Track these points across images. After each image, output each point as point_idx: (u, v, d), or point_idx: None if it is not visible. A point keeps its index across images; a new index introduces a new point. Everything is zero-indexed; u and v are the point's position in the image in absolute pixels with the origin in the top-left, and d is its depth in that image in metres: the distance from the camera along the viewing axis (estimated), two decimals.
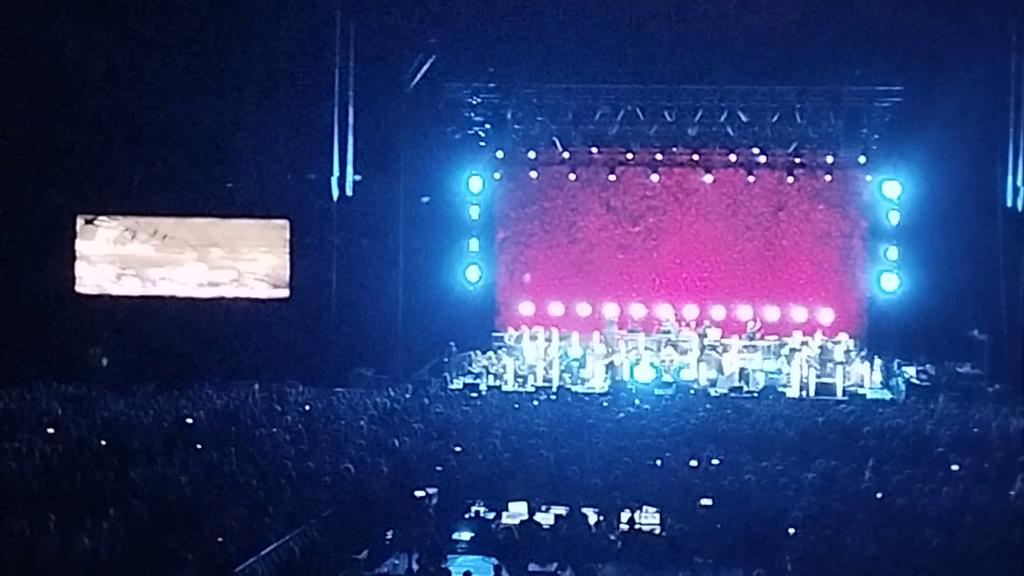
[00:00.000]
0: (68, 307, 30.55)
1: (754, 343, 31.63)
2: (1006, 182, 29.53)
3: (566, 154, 33.79)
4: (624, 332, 32.10)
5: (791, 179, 33.40)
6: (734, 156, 33.21)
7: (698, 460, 18.13)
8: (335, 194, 29.99)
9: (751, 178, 33.40)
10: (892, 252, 32.65)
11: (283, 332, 29.92)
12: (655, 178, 33.74)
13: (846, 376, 30.08)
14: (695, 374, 30.23)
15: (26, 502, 14.49)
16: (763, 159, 33.20)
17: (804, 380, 29.80)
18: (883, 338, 32.08)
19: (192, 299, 31.00)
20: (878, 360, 30.75)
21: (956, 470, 17.46)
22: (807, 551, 13.89)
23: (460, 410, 23.59)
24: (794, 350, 30.75)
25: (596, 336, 31.81)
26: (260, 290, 31.15)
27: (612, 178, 33.85)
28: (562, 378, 30.48)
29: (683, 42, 29.76)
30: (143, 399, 23.82)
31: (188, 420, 21.13)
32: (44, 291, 30.12)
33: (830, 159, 33.16)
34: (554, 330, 32.25)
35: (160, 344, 29.14)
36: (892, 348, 31.24)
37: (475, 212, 34.21)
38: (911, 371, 29.76)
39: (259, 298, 31.12)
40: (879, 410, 24.85)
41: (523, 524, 15.42)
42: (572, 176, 34.12)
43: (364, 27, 29.53)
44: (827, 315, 33.20)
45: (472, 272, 34.11)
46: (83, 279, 31.14)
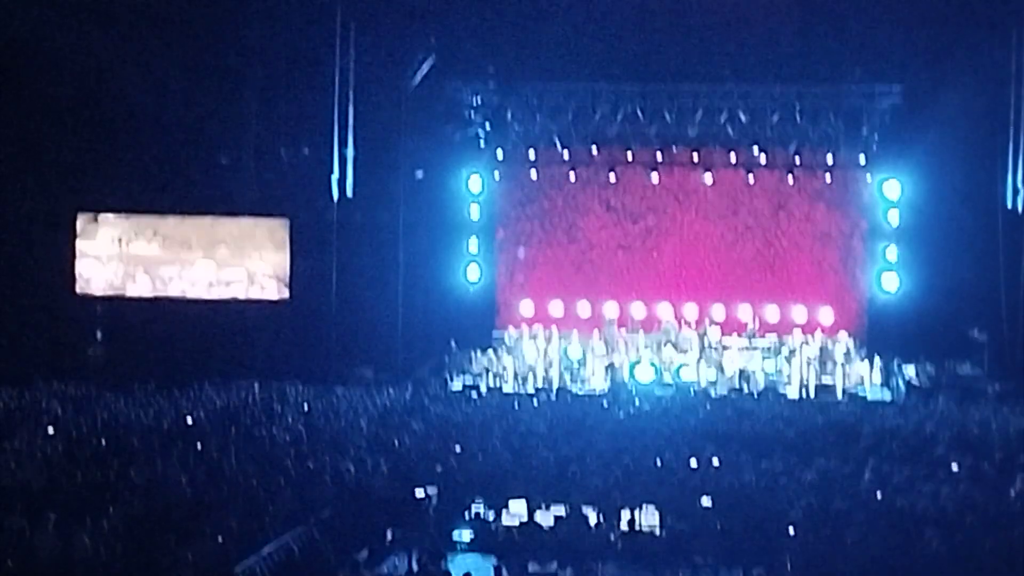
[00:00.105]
0: (68, 306, 30.55)
1: (754, 343, 31.63)
2: (1006, 182, 29.57)
3: (566, 154, 33.77)
4: (624, 332, 32.09)
5: (791, 179, 33.38)
6: (734, 156, 33.20)
7: (698, 460, 18.13)
8: (335, 194, 30.00)
9: (751, 178, 33.38)
10: (892, 252, 32.65)
11: (283, 332, 29.94)
12: (655, 178, 33.73)
13: (846, 376, 30.08)
14: (695, 374, 30.22)
15: (26, 501, 14.48)
16: (763, 159, 33.19)
17: (804, 380, 29.82)
18: (883, 338, 32.06)
19: (192, 299, 30.99)
20: (878, 360, 30.71)
21: (956, 470, 17.46)
22: (807, 551, 13.90)
23: (460, 410, 23.60)
24: (794, 350, 30.76)
25: (596, 336, 31.80)
26: (272, 289, 31.17)
27: (612, 178, 33.83)
28: (562, 378, 30.47)
29: (683, 42, 29.81)
30: (143, 398, 23.81)
31: (188, 420, 21.13)
32: (44, 290, 30.12)
33: (830, 159, 33.14)
34: (554, 330, 32.24)
35: (160, 344, 29.16)
36: (892, 348, 31.22)
37: (475, 211, 34.21)
38: (911, 371, 29.80)
39: (259, 298, 31.12)
40: (879, 410, 24.87)
41: (523, 524, 15.43)
42: (572, 176, 34.10)
43: (364, 27, 29.55)
44: (827, 315, 33.18)
45: (472, 272, 34.11)
46: (94, 278, 31.12)
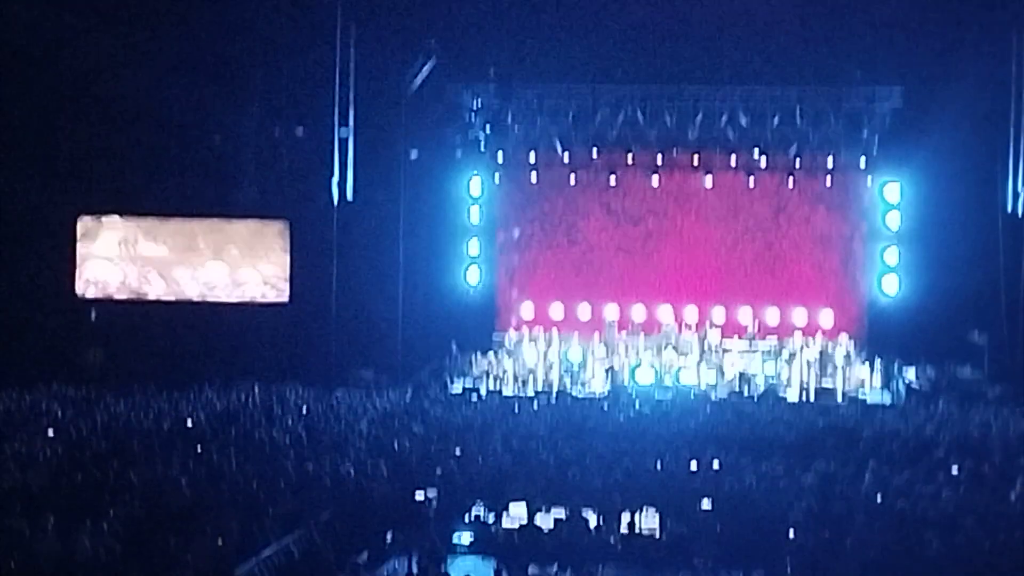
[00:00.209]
0: (68, 308, 30.55)
1: (754, 346, 31.62)
2: (1006, 185, 29.56)
3: (566, 156, 33.75)
4: (624, 335, 32.08)
5: (791, 182, 33.38)
6: (734, 159, 33.19)
7: (698, 463, 18.13)
8: (335, 196, 30.00)
9: (751, 181, 33.38)
10: (892, 255, 32.65)
11: (283, 334, 29.94)
12: (655, 181, 33.74)
13: (846, 379, 30.06)
14: (695, 377, 30.20)
15: (26, 503, 14.49)
16: (763, 162, 33.16)
17: (804, 383, 29.80)
18: (883, 341, 32.04)
19: (192, 302, 31.00)
20: (878, 363, 30.71)
21: (956, 473, 17.46)
22: (807, 554, 13.90)
23: (460, 413, 23.59)
24: (794, 353, 30.74)
25: (596, 339, 31.79)
26: (272, 291, 31.19)
27: (612, 181, 33.83)
28: (562, 381, 30.45)
29: (683, 45, 29.81)
30: (143, 401, 23.81)
31: (188, 422, 21.13)
32: (44, 292, 30.12)
33: (830, 162, 33.13)
34: (554, 332, 32.24)
35: (160, 346, 29.16)
36: (892, 351, 31.20)
37: (475, 214, 34.21)
38: (911, 374, 29.78)
39: (259, 301, 31.13)
40: (879, 413, 24.86)
41: (523, 527, 15.42)
42: (572, 178, 34.10)
43: (365, 29, 29.54)
44: (827, 318, 33.17)
45: (472, 274, 34.11)
46: (96, 281, 31.11)
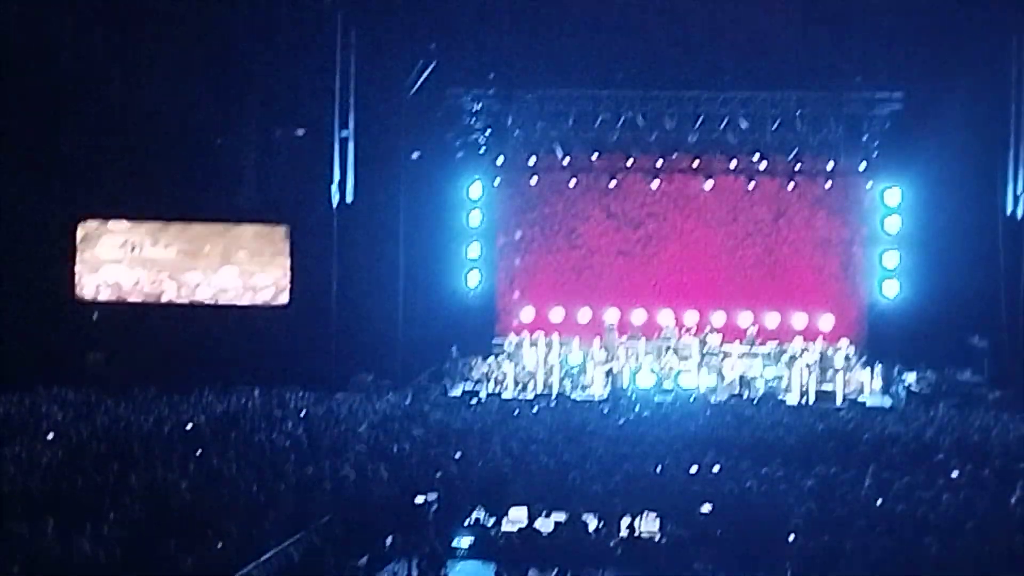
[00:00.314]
0: (67, 312, 30.53)
1: (754, 350, 31.61)
2: (1006, 189, 29.56)
3: (566, 160, 33.76)
4: (624, 338, 32.07)
5: (791, 186, 33.39)
6: (734, 163, 33.21)
7: (698, 467, 18.11)
8: (335, 200, 29.99)
9: (751, 185, 33.39)
10: (892, 259, 32.65)
11: (283, 338, 29.92)
12: (655, 184, 33.74)
13: (846, 383, 30.06)
14: (695, 381, 30.21)
15: (26, 507, 14.48)
16: (763, 166, 33.18)
17: (804, 387, 29.80)
18: (883, 345, 32.05)
19: (192, 304, 30.99)
20: (878, 367, 30.70)
21: (956, 477, 17.44)
22: (807, 558, 13.88)
23: (460, 416, 23.58)
24: (794, 357, 30.73)
25: (596, 342, 31.78)
26: (272, 295, 31.18)
27: (612, 184, 33.84)
28: (562, 384, 30.46)
29: (683, 49, 29.83)
30: (143, 404, 23.79)
31: (188, 425, 21.10)
32: (44, 296, 30.10)
33: (830, 166, 33.14)
34: (554, 336, 32.22)
35: (160, 349, 29.14)
36: (892, 355, 31.20)
37: (475, 218, 34.21)
38: (911, 378, 29.77)
39: (259, 304, 31.12)
40: (879, 417, 24.83)
41: (523, 530, 15.41)
42: (572, 182, 34.09)
43: (365, 33, 29.57)
44: (827, 322, 33.16)
45: (472, 278, 34.11)
46: (97, 284, 31.09)
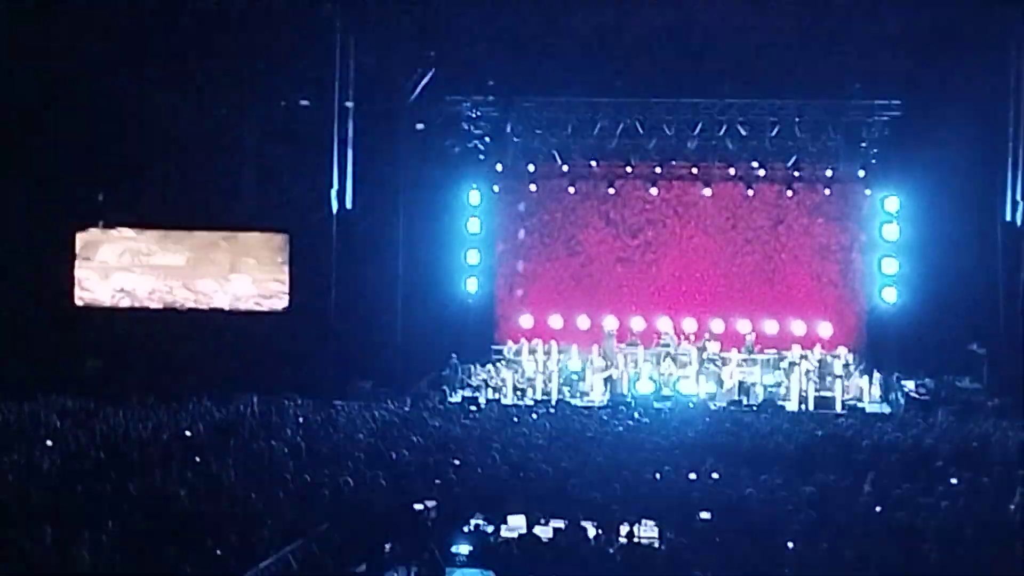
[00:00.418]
0: (66, 319, 30.51)
1: (753, 356, 31.61)
2: (1004, 195, 29.55)
3: (565, 167, 33.84)
4: (623, 345, 32.08)
5: (790, 193, 33.46)
6: (733, 170, 33.27)
7: (697, 473, 18.09)
8: (334, 207, 29.99)
9: (750, 192, 33.45)
10: (891, 266, 32.68)
11: (282, 344, 29.90)
12: (654, 191, 33.81)
13: (845, 390, 30.06)
14: (694, 387, 30.21)
15: (24, 515, 14.46)
16: (762, 173, 33.25)
17: (803, 394, 29.81)
18: (882, 352, 32.09)
19: (191, 311, 30.99)
20: (877, 374, 30.73)
21: (955, 484, 17.41)
22: (806, 565, 13.86)
23: (459, 423, 23.54)
24: (793, 363, 30.73)
25: (595, 349, 31.78)
26: (271, 302, 31.17)
27: (611, 191, 33.91)
28: (561, 391, 30.47)
29: (683, 56, 29.80)
30: (142, 411, 23.75)
31: (187, 433, 21.07)
32: (43, 302, 30.08)
33: (829, 173, 33.22)
34: (553, 343, 32.23)
35: (159, 356, 29.11)
36: (891, 362, 31.24)
37: (475, 225, 34.23)
38: (910, 385, 29.77)
39: (258, 311, 31.11)
40: (878, 424, 24.78)
41: (522, 537, 15.37)
42: (571, 189, 34.16)
43: (364, 41, 29.57)
44: (826, 329, 33.19)
45: (471, 285, 34.12)
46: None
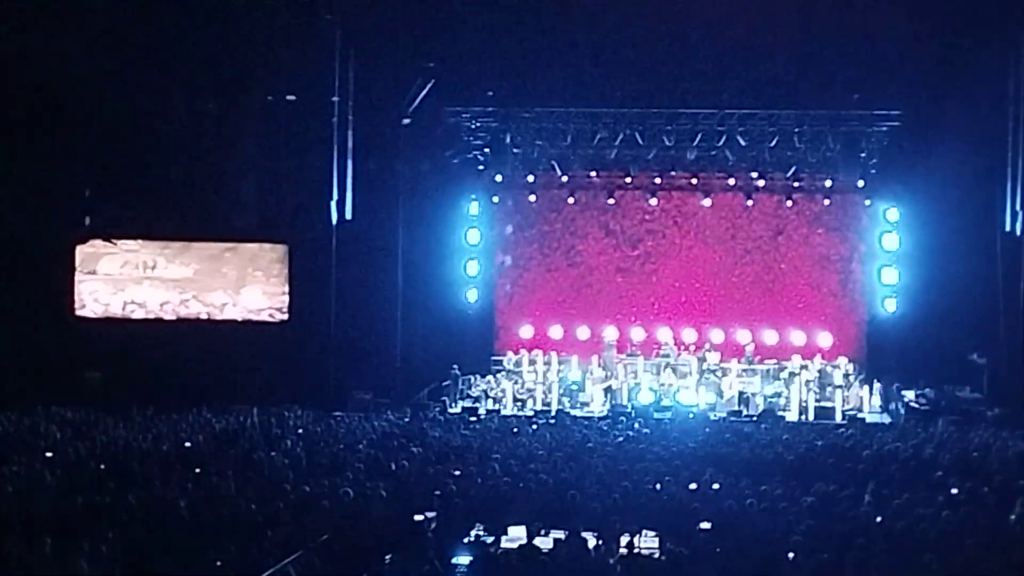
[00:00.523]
0: (66, 331, 30.50)
1: (753, 367, 31.61)
2: (1004, 205, 29.57)
3: (565, 178, 33.87)
4: (623, 356, 32.08)
5: (790, 203, 33.49)
6: (733, 180, 33.31)
7: (697, 484, 18.08)
8: (334, 217, 30.01)
9: (750, 202, 33.49)
10: (891, 275, 32.69)
11: (282, 356, 29.91)
12: (654, 202, 33.85)
13: (845, 400, 30.08)
14: (694, 398, 30.21)
15: (24, 526, 14.45)
16: (762, 183, 33.30)
17: (803, 404, 29.80)
18: (882, 362, 32.10)
19: (191, 321, 30.99)
20: (877, 384, 30.74)
21: (956, 494, 17.41)
22: (806, 575, 13.85)
23: (459, 434, 23.56)
24: (793, 374, 30.73)
25: (595, 360, 31.78)
26: (271, 313, 31.20)
27: (611, 202, 33.95)
28: (561, 402, 30.47)
29: (682, 66, 29.87)
30: (142, 423, 23.76)
31: (187, 444, 21.08)
32: (42, 314, 30.06)
33: (829, 183, 33.26)
34: (553, 354, 32.24)
35: (159, 368, 29.10)
36: (891, 372, 31.24)
37: (474, 235, 34.25)
38: (910, 395, 29.77)
39: (258, 321, 31.12)
40: (878, 434, 24.77)
41: (522, 548, 15.35)
42: (571, 200, 34.20)
43: (363, 52, 29.62)
44: (826, 339, 33.21)
45: (471, 295, 34.13)
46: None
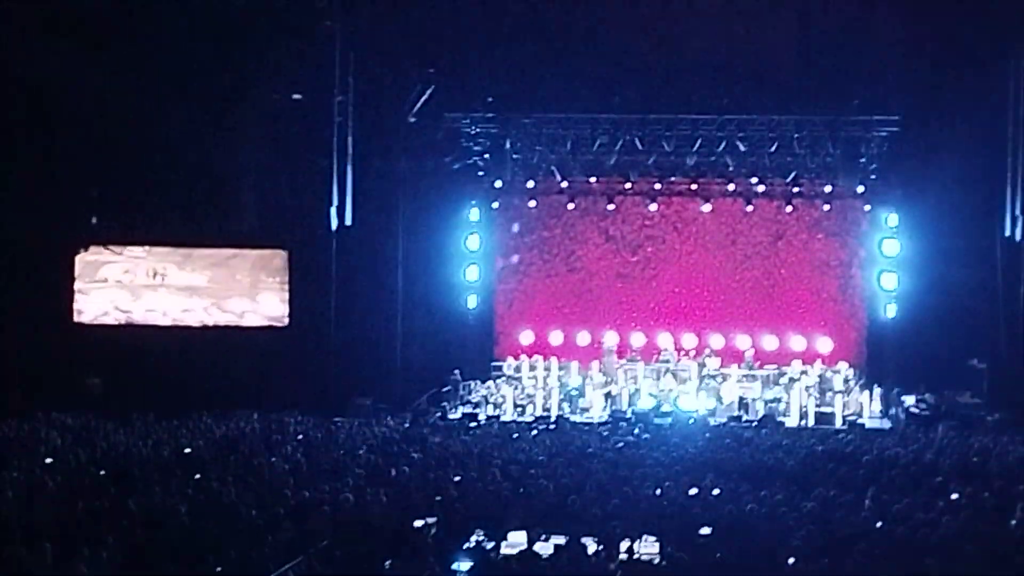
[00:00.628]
0: (66, 336, 30.51)
1: (753, 372, 31.61)
2: (1004, 210, 29.59)
3: (565, 183, 33.87)
4: (623, 361, 32.08)
5: (790, 208, 33.48)
6: (733, 186, 33.31)
7: (697, 489, 18.08)
8: (334, 223, 30.01)
9: (750, 207, 33.48)
10: (891, 281, 32.69)
11: (282, 361, 29.91)
12: (654, 207, 33.85)
13: (845, 405, 30.06)
14: (694, 403, 30.20)
15: (25, 531, 14.44)
16: (762, 188, 33.30)
17: (803, 409, 29.78)
18: (882, 367, 32.10)
19: (191, 328, 31.01)
20: (877, 389, 30.73)
21: (956, 499, 17.41)
22: None
23: (459, 439, 23.56)
24: (793, 379, 30.75)
25: (595, 365, 31.78)
26: (271, 318, 31.23)
27: (611, 207, 33.94)
28: (561, 407, 30.44)
29: (682, 72, 29.90)
30: (142, 428, 23.76)
31: (187, 450, 21.08)
32: (42, 321, 30.07)
33: (828, 189, 33.25)
34: (553, 359, 32.24)
35: (159, 373, 29.11)
36: (891, 377, 31.25)
37: (474, 241, 34.26)
38: (910, 400, 29.75)
39: (258, 327, 31.13)
40: (878, 439, 24.78)
41: (522, 554, 15.34)
42: (571, 205, 34.20)
43: (363, 58, 29.64)
44: (826, 344, 33.20)
45: (471, 301, 34.13)
46: (95, 309, 31.12)
